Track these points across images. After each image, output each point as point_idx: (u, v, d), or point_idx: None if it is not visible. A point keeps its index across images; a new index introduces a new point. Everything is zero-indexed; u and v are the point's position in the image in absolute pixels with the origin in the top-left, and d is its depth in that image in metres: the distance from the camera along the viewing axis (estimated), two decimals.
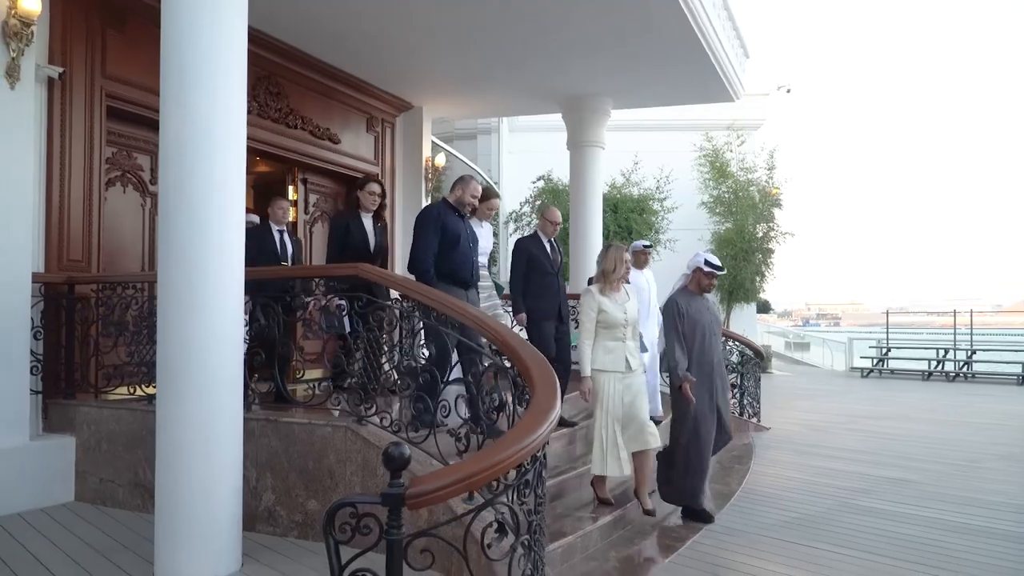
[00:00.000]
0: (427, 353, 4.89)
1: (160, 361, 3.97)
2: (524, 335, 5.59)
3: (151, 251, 6.77)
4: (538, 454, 2.94)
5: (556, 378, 3.29)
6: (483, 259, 5.97)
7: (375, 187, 6.03)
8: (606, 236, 14.05)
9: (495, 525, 2.76)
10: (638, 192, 15.23)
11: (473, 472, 2.60)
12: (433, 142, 10.74)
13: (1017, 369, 16.10)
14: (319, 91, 8.45)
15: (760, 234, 18.76)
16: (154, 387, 4.43)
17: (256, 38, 7.13)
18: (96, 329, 5.76)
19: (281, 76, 7.90)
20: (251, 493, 4.64)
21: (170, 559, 3.91)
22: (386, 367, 4.64)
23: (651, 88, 9.25)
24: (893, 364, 18.52)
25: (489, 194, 6.13)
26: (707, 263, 5.33)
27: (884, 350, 18.76)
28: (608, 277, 5.05)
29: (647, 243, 7.50)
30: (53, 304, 5.63)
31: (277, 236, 6.44)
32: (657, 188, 15.28)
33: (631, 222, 14.34)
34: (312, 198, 8.85)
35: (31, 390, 5.41)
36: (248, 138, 4.27)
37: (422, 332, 4.67)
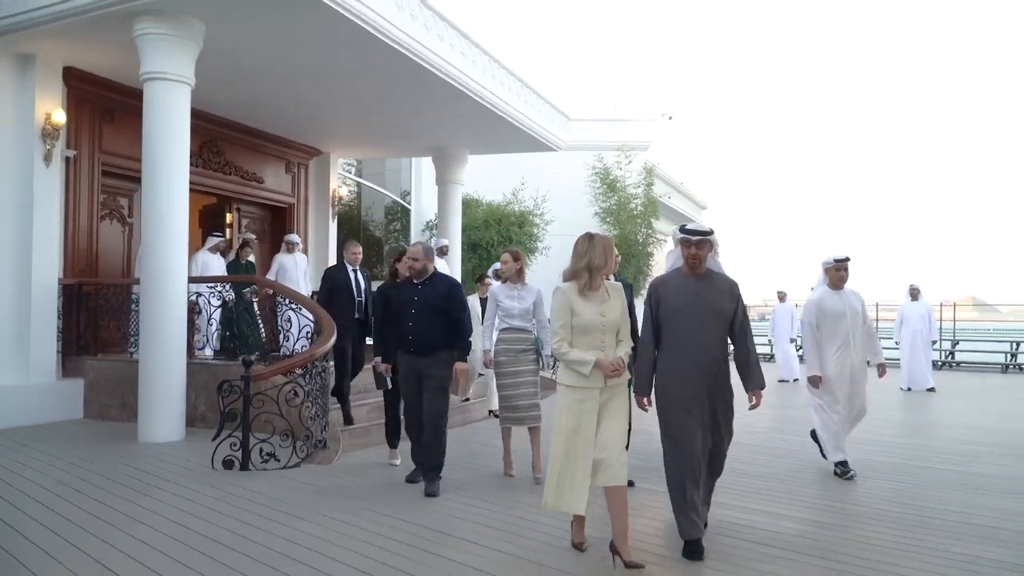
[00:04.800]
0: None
1: (143, 325, 7.49)
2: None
3: (128, 262, 10.13)
4: (316, 362, 6.49)
5: (333, 330, 6.82)
6: (517, 322, 6.13)
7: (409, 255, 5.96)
8: (491, 245, 17.63)
9: (293, 389, 6.31)
10: (520, 208, 18.72)
11: (280, 367, 6.15)
12: (342, 175, 14.25)
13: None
14: (248, 146, 11.89)
15: (641, 239, 22.37)
16: (129, 351, 8.01)
17: (202, 115, 10.55)
18: (95, 314, 9.16)
19: (220, 139, 11.33)
20: (192, 406, 8.05)
21: (146, 430, 7.41)
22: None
23: (493, 143, 12.87)
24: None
25: (511, 257, 6.26)
26: (680, 229, 4.38)
27: None
28: (595, 274, 4.07)
29: (841, 256, 6.42)
30: (69, 298, 9.02)
31: (352, 275, 7.74)
32: (535, 206, 18.79)
33: (511, 233, 17.85)
34: (244, 221, 12.32)
35: (56, 350, 8.81)
36: (197, 184, 7.72)
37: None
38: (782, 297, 15.76)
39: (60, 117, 8.61)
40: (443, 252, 10.77)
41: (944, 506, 5.33)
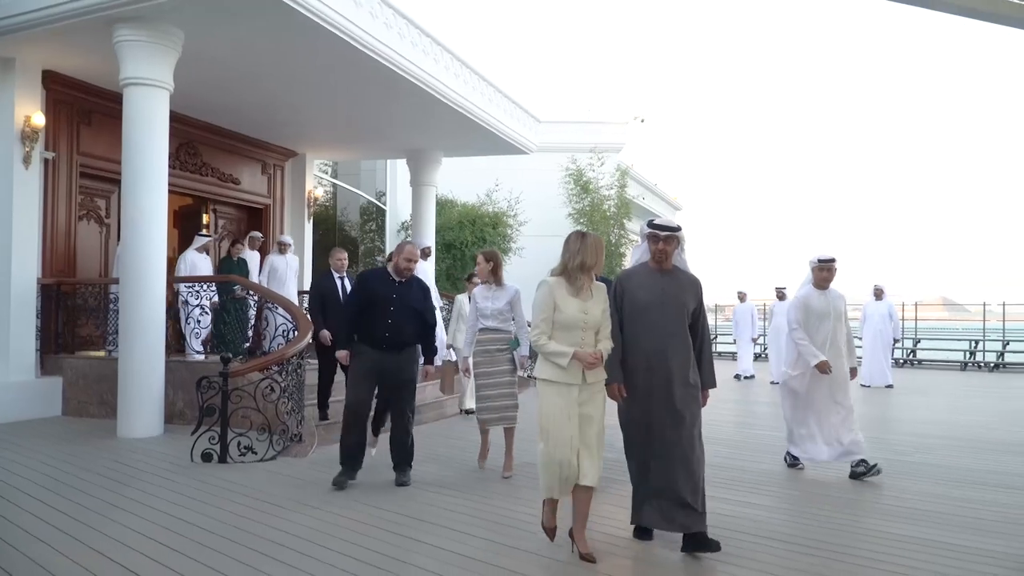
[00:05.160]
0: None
1: (122, 324, 7.68)
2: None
3: (105, 262, 10.29)
4: (292, 359, 6.75)
5: (309, 327, 7.06)
6: (491, 322, 6.23)
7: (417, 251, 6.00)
8: (465, 245, 17.89)
9: (269, 385, 6.55)
10: (494, 210, 19.01)
11: (255, 365, 6.39)
12: (318, 176, 14.47)
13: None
14: (225, 148, 12.07)
15: (614, 240, 22.73)
16: (107, 349, 8.21)
17: (180, 118, 10.71)
18: (73, 313, 9.33)
19: (198, 141, 11.51)
20: (170, 403, 8.23)
21: (126, 426, 7.60)
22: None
23: (465, 146, 13.16)
24: None
25: (483, 258, 6.33)
26: (649, 224, 4.46)
27: None
28: (586, 272, 4.13)
29: (825, 257, 6.48)
30: (47, 297, 9.17)
31: (339, 281, 7.66)
32: (509, 207, 19.09)
33: (485, 234, 18.13)
34: (220, 222, 12.50)
35: (35, 349, 8.97)
36: (174, 185, 7.96)
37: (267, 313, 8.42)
38: (742, 297, 16.46)
39: (40, 120, 8.77)
40: (426, 254, 11.03)
41: (910, 495, 5.69)
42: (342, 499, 5.31)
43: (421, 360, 5.97)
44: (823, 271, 6.42)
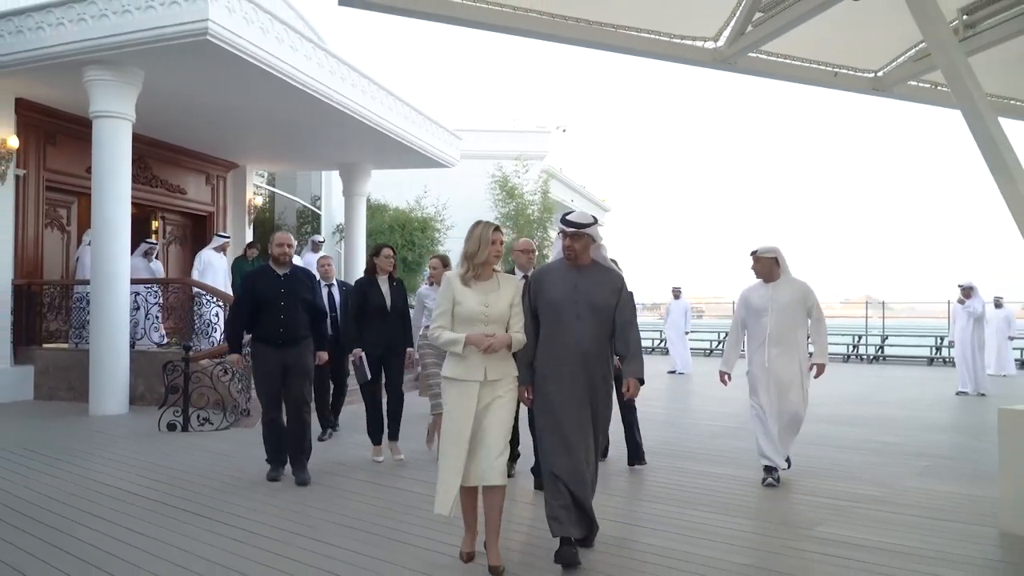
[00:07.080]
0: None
1: (92, 318, 9.13)
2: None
3: (67, 265, 11.58)
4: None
5: None
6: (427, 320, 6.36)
7: (388, 251, 6.60)
8: (396, 248, 19.32)
9: (222, 369, 8.08)
10: (423, 214, 20.56)
11: (209, 353, 7.92)
12: (257, 186, 15.85)
13: None
14: (173, 162, 13.42)
15: (537, 243, 24.43)
16: (73, 342, 9.63)
17: (134, 136, 11.91)
18: (41, 309, 10.64)
19: (148, 156, 12.83)
20: (134, 387, 9.64)
21: (96, 405, 9.03)
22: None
23: (393, 161, 14.74)
24: None
25: (440, 262, 6.76)
26: (561, 219, 4.21)
27: None
28: (469, 262, 3.96)
29: (754, 248, 6.12)
30: (19, 296, 10.47)
31: (326, 290, 7.75)
32: (436, 212, 20.67)
33: (414, 237, 19.67)
34: (168, 228, 13.84)
35: (9, 341, 10.27)
36: None
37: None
38: (676, 293, 16.89)
39: (14, 142, 10.08)
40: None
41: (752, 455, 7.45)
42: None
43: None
44: (753, 263, 6.06)
